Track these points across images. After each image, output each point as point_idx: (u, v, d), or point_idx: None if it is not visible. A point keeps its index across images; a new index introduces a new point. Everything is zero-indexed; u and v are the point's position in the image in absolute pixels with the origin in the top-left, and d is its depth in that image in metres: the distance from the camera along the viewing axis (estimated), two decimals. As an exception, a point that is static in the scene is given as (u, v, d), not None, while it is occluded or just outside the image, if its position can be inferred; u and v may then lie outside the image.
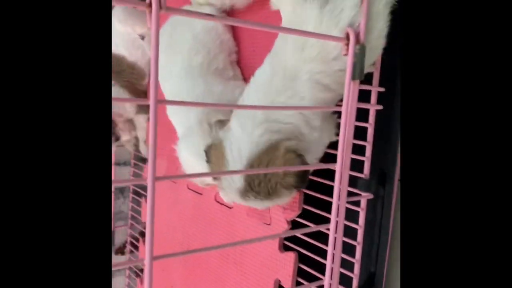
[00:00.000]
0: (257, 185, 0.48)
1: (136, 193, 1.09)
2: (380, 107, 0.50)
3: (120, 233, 1.09)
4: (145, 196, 0.99)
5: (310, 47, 0.45)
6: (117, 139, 0.93)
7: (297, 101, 0.45)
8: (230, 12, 0.68)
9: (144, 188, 1.07)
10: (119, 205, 1.09)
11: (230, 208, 0.71)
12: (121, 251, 1.10)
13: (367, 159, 0.51)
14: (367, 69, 0.44)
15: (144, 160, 1.01)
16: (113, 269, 0.34)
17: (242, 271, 0.68)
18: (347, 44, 0.43)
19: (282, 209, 0.62)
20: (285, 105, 0.46)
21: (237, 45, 0.69)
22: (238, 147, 0.48)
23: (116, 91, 0.86)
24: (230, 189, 0.50)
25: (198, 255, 0.79)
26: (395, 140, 0.53)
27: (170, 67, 0.68)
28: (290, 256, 0.60)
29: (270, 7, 0.54)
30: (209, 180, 0.63)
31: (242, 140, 0.48)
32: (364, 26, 0.43)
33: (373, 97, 0.50)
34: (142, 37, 0.89)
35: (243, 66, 0.69)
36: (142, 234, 1.04)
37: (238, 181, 0.49)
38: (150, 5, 0.31)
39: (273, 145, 0.47)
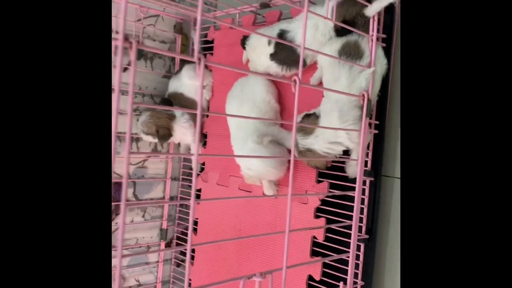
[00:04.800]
0: None
1: (181, 198, 1.46)
2: (377, 131, 0.95)
3: (169, 232, 1.44)
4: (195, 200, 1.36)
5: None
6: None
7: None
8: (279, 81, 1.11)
9: (189, 194, 1.45)
10: (169, 209, 1.45)
11: (276, 198, 1.11)
12: (168, 245, 1.45)
13: (369, 160, 0.95)
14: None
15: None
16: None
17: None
18: (363, 100, 0.87)
19: (316, 192, 1.03)
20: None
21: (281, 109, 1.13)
22: None
23: (190, 123, 1.27)
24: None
25: (249, 230, 1.17)
26: (382, 150, 0.98)
27: (238, 110, 1.09)
28: (322, 220, 1.01)
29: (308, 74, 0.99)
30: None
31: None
32: (371, 91, 0.88)
33: (372, 126, 0.95)
34: (204, 87, 1.30)
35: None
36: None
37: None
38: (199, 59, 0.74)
39: None
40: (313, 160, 0.93)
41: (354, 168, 0.96)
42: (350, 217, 0.94)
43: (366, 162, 0.95)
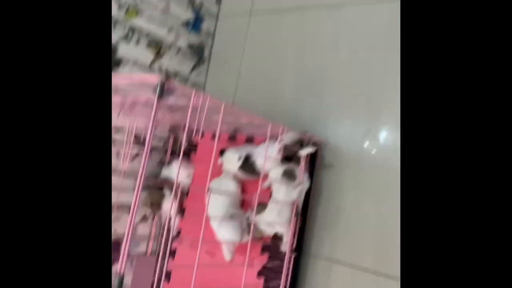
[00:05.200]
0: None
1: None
2: (301, 224, 1.51)
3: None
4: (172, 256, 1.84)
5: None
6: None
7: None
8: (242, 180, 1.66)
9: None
10: (147, 262, 1.90)
11: (232, 260, 1.62)
12: (143, 290, 1.88)
13: (295, 242, 1.50)
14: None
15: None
16: None
17: (237, 288, 1.58)
18: (294, 206, 1.44)
19: (260, 261, 1.55)
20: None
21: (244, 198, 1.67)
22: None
23: (175, 202, 1.77)
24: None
25: (213, 281, 1.65)
26: (303, 236, 1.53)
27: (215, 198, 1.62)
28: (261, 279, 1.53)
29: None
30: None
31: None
32: (299, 201, 1.45)
33: (298, 221, 1.51)
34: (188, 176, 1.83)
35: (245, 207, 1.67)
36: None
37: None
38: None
39: None
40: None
41: (285, 246, 1.51)
42: (281, 277, 1.48)
43: (293, 243, 1.50)
